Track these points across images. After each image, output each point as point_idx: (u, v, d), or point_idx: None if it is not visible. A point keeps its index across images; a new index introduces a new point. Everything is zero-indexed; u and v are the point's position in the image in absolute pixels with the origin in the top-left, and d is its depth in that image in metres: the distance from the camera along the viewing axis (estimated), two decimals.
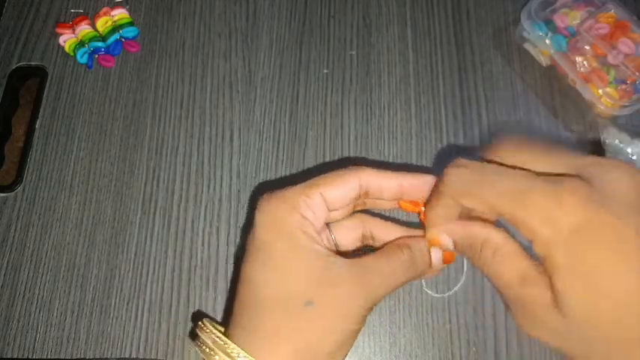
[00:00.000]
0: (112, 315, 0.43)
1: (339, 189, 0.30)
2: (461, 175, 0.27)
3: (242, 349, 0.28)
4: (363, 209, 0.33)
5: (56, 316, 0.43)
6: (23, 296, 0.43)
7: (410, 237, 0.32)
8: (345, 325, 0.28)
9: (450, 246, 0.30)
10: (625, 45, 0.47)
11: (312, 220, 0.29)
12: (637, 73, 0.46)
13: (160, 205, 0.46)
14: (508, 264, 0.26)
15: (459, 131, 0.49)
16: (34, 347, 0.42)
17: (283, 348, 0.27)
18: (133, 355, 0.42)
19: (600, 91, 0.46)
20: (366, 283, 0.28)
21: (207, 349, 0.28)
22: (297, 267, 0.28)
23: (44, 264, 0.44)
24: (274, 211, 0.29)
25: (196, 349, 0.29)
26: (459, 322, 0.42)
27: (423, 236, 0.31)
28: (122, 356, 0.41)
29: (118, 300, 0.43)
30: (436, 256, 0.31)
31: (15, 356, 0.41)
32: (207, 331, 0.29)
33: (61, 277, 0.44)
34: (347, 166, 0.31)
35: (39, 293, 0.43)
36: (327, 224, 0.33)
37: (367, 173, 0.31)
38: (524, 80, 0.51)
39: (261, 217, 0.30)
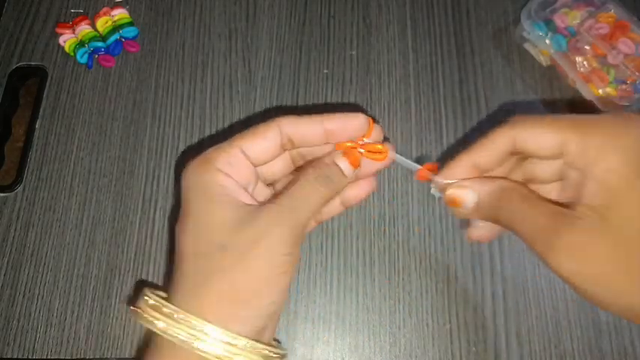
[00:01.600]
0: (112, 315, 0.43)
1: (258, 141, 0.31)
2: (525, 115, 0.30)
3: (172, 303, 0.28)
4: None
5: (56, 316, 0.43)
6: (23, 296, 0.43)
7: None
8: (264, 261, 0.28)
9: (471, 203, 0.31)
10: (625, 45, 0.47)
11: (232, 174, 0.30)
12: (637, 73, 0.46)
13: (160, 205, 0.46)
14: (542, 206, 0.28)
15: (458, 131, 0.49)
16: (34, 347, 0.42)
17: (206, 292, 0.28)
18: (133, 355, 0.42)
19: (600, 91, 0.46)
20: (282, 211, 0.29)
21: (140, 311, 0.28)
22: (212, 217, 0.29)
23: (44, 264, 0.44)
24: (194, 171, 0.30)
25: (132, 315, 0.29)
26: (459, 322, 0.42)
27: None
28: (122, 356, 0.41)
29: (118, 300, 0.43)
30: (342, 163, 0.32)
31: (15, 356, 0.41)
32: (144, 295, 0.29)
33: (61, 277, 0.44)
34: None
35: (39, 293, 0.43)
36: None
37: (286, 121, 0.31)
38: (524, 80, 0.51)
39: (184, 179, 0.31)
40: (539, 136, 0.29)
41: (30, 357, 0.41)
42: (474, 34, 0.53)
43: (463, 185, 0.31)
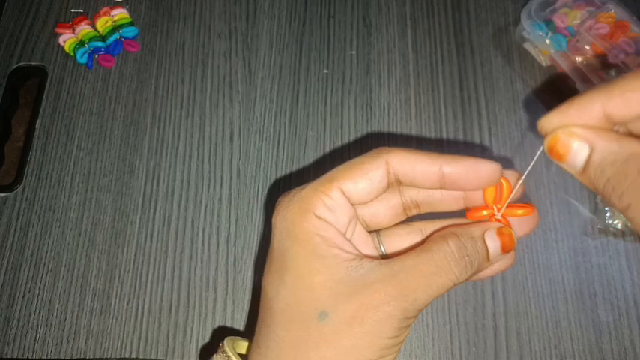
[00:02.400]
0: (112, 315, 0.43)
1: (361, 181, 0.26)
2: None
3: None
4: (418, 214, 0.29)
5: (56, 316, 0.43)
6: (23, 296, 0.43)
7: (459, 225, 0.26)
8: (372, 341, 0.23)
9: (580, 162, 0.21)
10: (625, 45, 0.47)
11: (332, 222, 0.25)
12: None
13: (160, 205, 0.46)
14: None
15: (459, 131, 0.49)
16: (34, 347, 0.42)
17: None
18: (133, 355, 0.41)
19: None
20: (399, 287, 0.23)
21: None
22: (311, 275, 0.24)
23: (44, 264, 0.44)
24: (289, 216, 0.26)
25: None
26: (459, 321, 0.42)
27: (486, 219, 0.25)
28: (122, 356, 0.41)
29: (118, 300, 0.43)
30: (493, 243, 0.25)
31: (15, 356, 0.41)
32: (222, 353, 0.27)
33: (61, 277, 0.44)
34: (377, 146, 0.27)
35: (39, 293, 0.43)
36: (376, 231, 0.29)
37: (395, 156, 0.26)
38: (524, 80, 0.51)
39: (277, 223, 0.26)
40: None
41: (30, 357, 0.41)
42: (473, 34, 0.53)
43: (574, 133, 0.21)
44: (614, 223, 0.44)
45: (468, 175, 0.25)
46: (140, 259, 0.44)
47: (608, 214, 0.45)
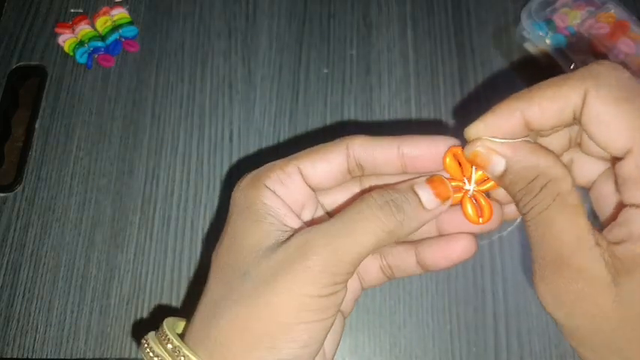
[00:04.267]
0: (112, 315, 0.43)
1: (320, 163, 0.26)
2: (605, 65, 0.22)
3: (187, 333, 0.25)
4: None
5: (56, 316, 0.43)
6: (23, 296, 0.43)
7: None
8: (285, 296, 0.22)
9: (499, 169, 0.23)
10: (625, 45, 0.47)
11: (282, 195, 0.25)
12: (637, 73, 0.46)
13: (160, 205, 0.46)
14: (570, 218, 0.21)
15: (458, 131, 0.49)
16: (33, 347, 0.42)
17: (215, 325, 0.24)
18: (133, 355, 0.41)
19: None
20: (321, 241, 0.22)
21: (144, 341, 0.25)
22: (244, 237, 0.24)
23: (44, 264, 0.44)
24: (242, 186, 0.26)
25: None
26: (460, 322, 0.42)
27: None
28: (122, 356, 0.41)
29: (117, 300, 0.43)
30: (424, 191, 0.24)
31: (15, 356, 0.41)
32: (162, 331, 0.26)
33: (61, 277, 0.44)
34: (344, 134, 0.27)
35: (38, 293, 0.43)
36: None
37: (356, 142, 0.25)
38: (524, 80, 0.51)
39: (232, 198, 0.27)
40: (611, 125, 0.21)
41: (30, 357, 0.41)
42: (474, 33, 0.53)
43: (493, 149, 0.23)
44: None
45: (426, 153, 0.25)
46: (140, 259, 0.44)
47: None
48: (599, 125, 0.21)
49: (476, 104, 0.50)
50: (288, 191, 0.25)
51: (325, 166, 0.26)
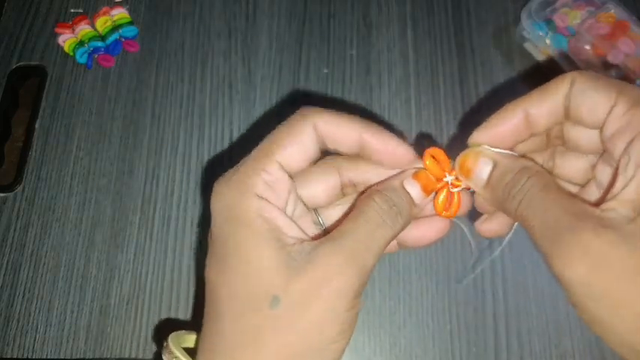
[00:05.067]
0: (112, 315, 0.43)
1: (295, 147, 0.25)
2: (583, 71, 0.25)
3: None
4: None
5: (56, 316, 0.43)
6: (23, 296, 0.43)
7: (379, 182, 0.27)
8: (328, 317, 0.23)
9: (484, 174, 0.25)
10: (625, 45, 0.47)
11: (274, 200, 0.25)
12: (637, 73, 0.46)
13: (160, 205, 0.46)
14: (565, 199, 0.23)
15: (458, 131, 0.49)
16: (33, 347, 0.42)
17: (255, 354, 0.23)
18: (133, 355, 0.41)
19: None
20: (345, 255, 0.23)
21: None
22: (258, 260, 0.24)
23: (44, 264, 0.44)
24: (229, 198, 0.25)
25: None
26: (460, 322, 0.42)
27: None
28: (122, 356, 0.41)
29: (118, 300, 0.43)
30: (413, 188, 0.26)
31: (15, 356, 0.41)
32: (168, 351, 0.25)
33: (61, 277, 0.44)
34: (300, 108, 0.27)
35: (38, 293, 0.43)
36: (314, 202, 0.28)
37: (322, 118, 0.26)
38: (524, 80, 0.51)
39: (216, 207, 0.25)
40: (594, 93, 0.24)
41: (30, 357, 0.41)
42: (474, 33, 0.53)
43: (481, 152, 0.26)
44: None
45: (382, 151, 0.26)
46: (140, 259, 0.44)
47: None
48: (584, 97, 0.24)
49: (476, 104, 0.50)
50: (277, 194, 0.25)
51: (300, 148, 0.26)
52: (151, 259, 0.44)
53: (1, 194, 0.46)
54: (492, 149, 0.26)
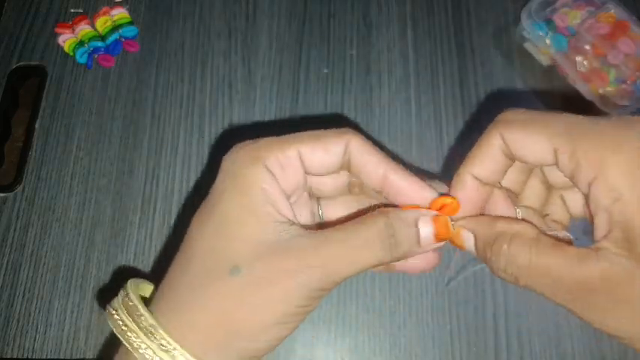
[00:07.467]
0: None
1: (320, 151, 0.25)
2: (515, 111, 0.25)
3: (155, 303, 0.24)
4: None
5: (56, 316, 0.43)
6: (23, 296, 0.43)
7: (393, 207, 0.26)
8: (277, 305, 0.23)
9: (471, 246, 0.26)
10: (625, 45, 0.47)
11: (280, 178, 0.25)
12: (637, 73, 0.46)
13: (160, 205, 0.46)
14: (554, 249, 0.22)
15: (458, 131, 0.49)
16: (33, 347, 0.42)
17: (195, 311, 0.23)
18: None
19: (600, 90, 0.46)
20: (319, 258, 0.23)
21: (113, 311, 0.24)
22: (238, 226, 0.24)
23: (44, 264, 0.44)
24: (239, 159, 0.25)
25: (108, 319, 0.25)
26: (460, 322, 0.42)
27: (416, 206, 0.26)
28: None
29: None
30: (426, 228, 0.25)
31: (15, 356, 0.41)
32: (125, 292, 0.25)
33: (61, 277, 0.44)
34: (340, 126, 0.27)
35: (38, 293, 0.43)
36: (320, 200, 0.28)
37: (356, 141, 0.26)
38: (524, 80, 0.51)
39: (225, 165, 0.25)
40: (527, 140, 0.24)
41: (30, 357, 0.41)
42: (474, 33, 0.53)
43: (462, 227, 0.26)
44: None
45: (403, 193, 0.26)
46: (140, 259, 0.44)
47: None
48: (522, 146, 0.24)
49: (476, 104, 0.50)
50: (286, 176, 0.25)
51: (323, 155, 0.26)
52: (151, 259, 0.44)
53: (1, 194, 0.46)
54: (464, 219, 0.26)
